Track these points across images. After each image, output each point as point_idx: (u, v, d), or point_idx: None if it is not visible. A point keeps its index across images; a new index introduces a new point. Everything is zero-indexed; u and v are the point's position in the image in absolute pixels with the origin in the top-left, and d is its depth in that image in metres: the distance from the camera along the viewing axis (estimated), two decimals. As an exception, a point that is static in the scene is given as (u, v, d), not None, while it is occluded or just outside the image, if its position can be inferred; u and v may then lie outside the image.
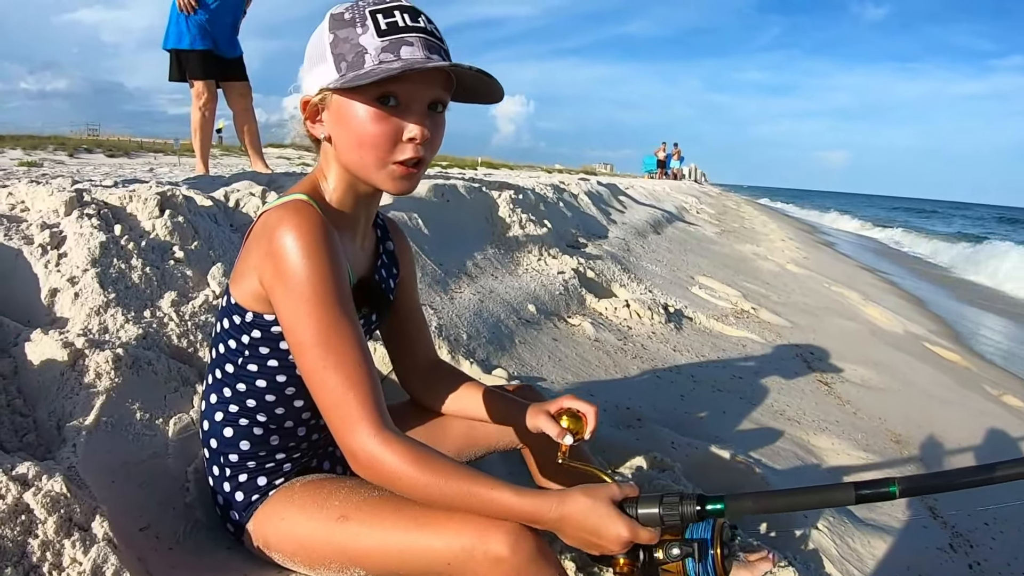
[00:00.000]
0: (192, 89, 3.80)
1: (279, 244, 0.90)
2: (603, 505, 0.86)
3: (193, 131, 3.93)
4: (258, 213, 0.99)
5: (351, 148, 0.94)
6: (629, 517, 0.86)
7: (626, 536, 0.85)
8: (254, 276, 0.95)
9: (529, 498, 0.86)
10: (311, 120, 0.98)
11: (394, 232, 1.23)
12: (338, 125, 0.95)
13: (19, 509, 0.88)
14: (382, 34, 0.89)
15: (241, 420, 1.05)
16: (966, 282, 10.36)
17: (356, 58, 0.90)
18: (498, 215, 3.39)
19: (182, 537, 1.08)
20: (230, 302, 1.02)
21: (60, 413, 1.15)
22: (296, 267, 0.89)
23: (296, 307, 0.89)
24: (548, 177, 7.11)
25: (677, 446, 2.02)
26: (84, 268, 1.41)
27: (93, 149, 9.65)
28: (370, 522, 0.94)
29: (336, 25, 0.92)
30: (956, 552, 2.02)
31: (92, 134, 17.63)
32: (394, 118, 0.91)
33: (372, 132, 0.91)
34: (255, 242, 0.96)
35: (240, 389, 1.04)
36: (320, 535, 0.97)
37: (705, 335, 3.35)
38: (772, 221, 14.71)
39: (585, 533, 0.86)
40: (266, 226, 0.94)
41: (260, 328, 1.00)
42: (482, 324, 2.34)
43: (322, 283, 0.89)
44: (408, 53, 0.89)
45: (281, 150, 10.31)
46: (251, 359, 1.02)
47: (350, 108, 0.92)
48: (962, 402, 3.33)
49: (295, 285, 0.89)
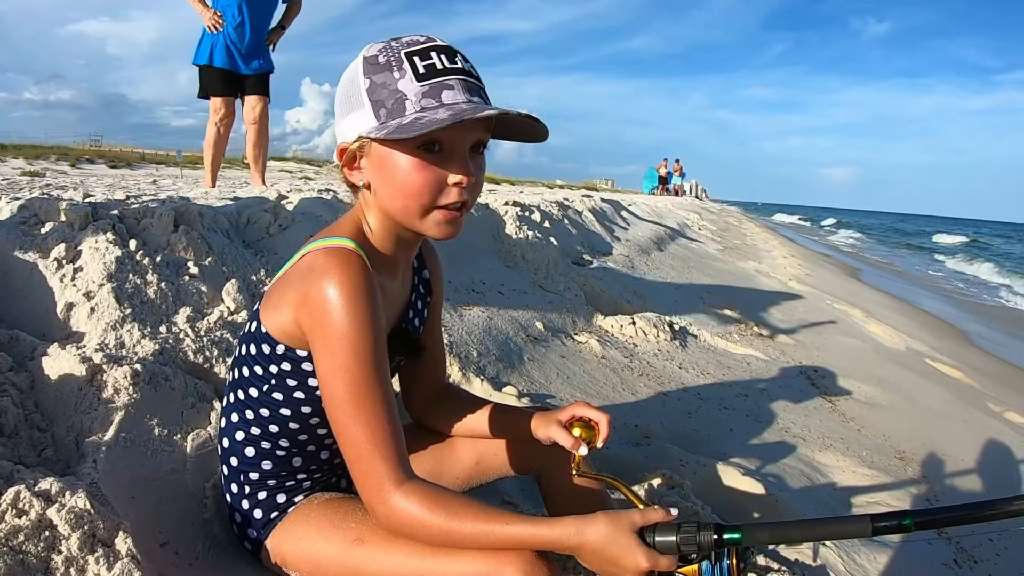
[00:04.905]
0: (211, 104, 3.82)
1: (323, 296, 0.89)
2: (624, 534, 0.85)
3: (206, 145, 3.94)
4: (304, 250, 0.97)
5: (394, 197, 0.92)
6: (648, 546, 0.85)
7: (645, 567, 0.84)
8: (290, 313, 0.95)
9: (547, 528, 0.86)
10: (348, 167, 0.96)
11: (428, 257, 1.21)
12: (380, 173, 0.93)
13: (43, 525, 0.89)
14: (421, 78, 0.87)
15: (263, 443, 1.05)
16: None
17: (396, 104, 0.88)
18: (505, 232, 3.41)
19: (201, 553, 1.08)
20: (260, 329, 1.00)
21: (78, 428, 1.15)
22: (338, 324, 0.88)
23: (333, 362, 0.89)
24: (551, 194, 7.14)
25: (686, 463, 2.03)
26: (100, 283, 1.42)
27: (95, 160, 9.70)
28: (386, 547, 0.94)
29: (371, 69, 0.90)
30: (961, 568, 2.02)
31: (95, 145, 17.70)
32: (438, 166, 0.90)
33: (417, 181, 0.90)
34: (297, 281, 0.94)
35: (263, 414, 1.04)
36: (336, 556, 0.97)
37: (710, 352, 3.35)
38: (773, 238, 14.75)
39: (605, 562, 0.86)
40: (312, 270, 0.92)
41: (291, 362, 0.99)
42: (491, 341, 2.35)
43: (361, 342, 0.89)
44: (449, 97, 0.87)
45: (283, 163, 10.37)
46: (277, 388, 1.02)
47: (392, 157, 0.90)
48: (965, 419, 3.33)
49: (335, 341, 0.89)
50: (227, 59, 3.72)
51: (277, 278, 1.01)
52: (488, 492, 1.47)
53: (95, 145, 17.66)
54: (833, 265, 11.53)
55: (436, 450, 1.23)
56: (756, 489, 1.96)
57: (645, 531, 0.87)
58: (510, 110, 0.89)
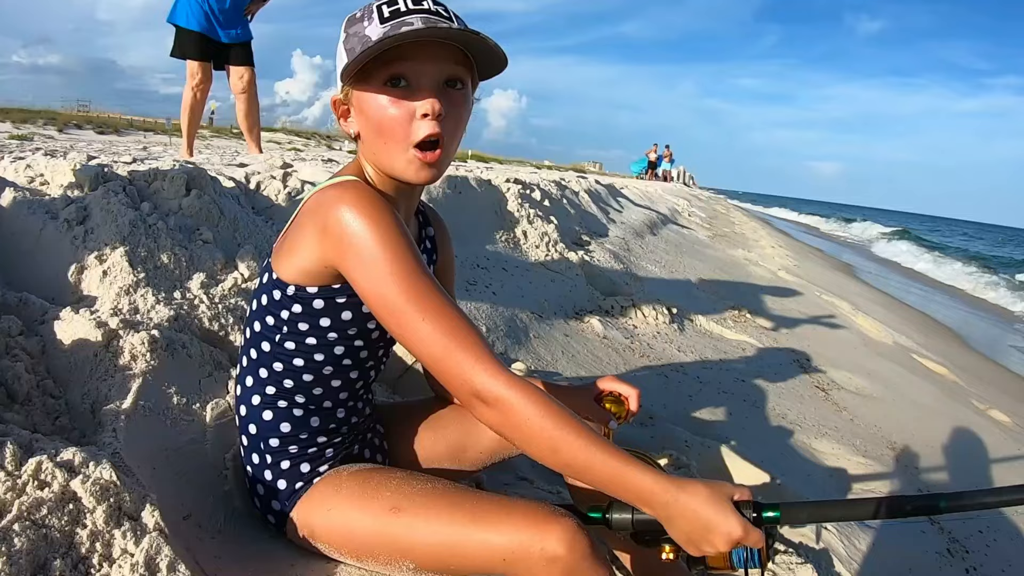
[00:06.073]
0: (187, 68, 3.75)
1: (343, 220, 0.89)
2: (723, 500, 0.82)
3: (183, 110, 3.89)
4: (309, 193, 0.99)
5: (374, 138, 0.94)
6: (745, 518, 0.82)
7: (738, 534, 0.81)
8: (311, 251, 0.94)
9: (649, 474, 0.83)
10: (343, 118, 0.99)
11: (434, 219, 1.22)
12: (360, 116, 0.95)
13: (66, 497, 0.85)
14: (384, 21, 0.89)
15: (280, 402, 1.03)
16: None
17: (362, 48, 0.89)
18: (507, 209, 3.38)
19: (223, 526, 1.05)
20: (271, 278, 1.00)
21: (94, 395, 1.11)
22: (366, 238, 0.88)
23: (377, 275, 0.88)
24: (545, 173, 7.10)
25: (691, 445, 2.04)
26: (113, 246, 1.37)
27: (83, 125, 9.45)
28: (424, 515, 0.93)
29: (349, 25, 0.94)
30: (953, 557, 2.08)
31: (83, 110, 17.22)
32: (405, 98, 0.91)
33: (387, 117, 0.91)
34: (308, 219, 0.95)
35: (277, 368, 1.02)
36: (370, 526, 0.95)
37: (707, 337, 3.37)
38: (761, 228, 14.86)
39: (696, 524, 0.82)
40: (321, 203, 0.93)
41: (301, 302, 0.98)
42: (499, 317, 2.33)
43: (395, 245, 0.89)
44: (407, 30, 0.88)
45: (272, 134, 10.18)
46: (289, 336, 1.00)
47: (365, 98, 0.93)
48: (952, 415, 3.41)
49: (369, 254, 0.88)
50: (205, 23, 3.65)
51: (286, 227, 1.02)
52: (501, 468, 1.46)
53: (83, 110, 17.20)
54: (820, 258, 11.66)
55: (461, 423, 1.20)
56: (760, 472, 1.99)
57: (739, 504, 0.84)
58: (440, 24, 0.88)
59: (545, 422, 0.83)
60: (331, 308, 0.99)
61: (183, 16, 3.64)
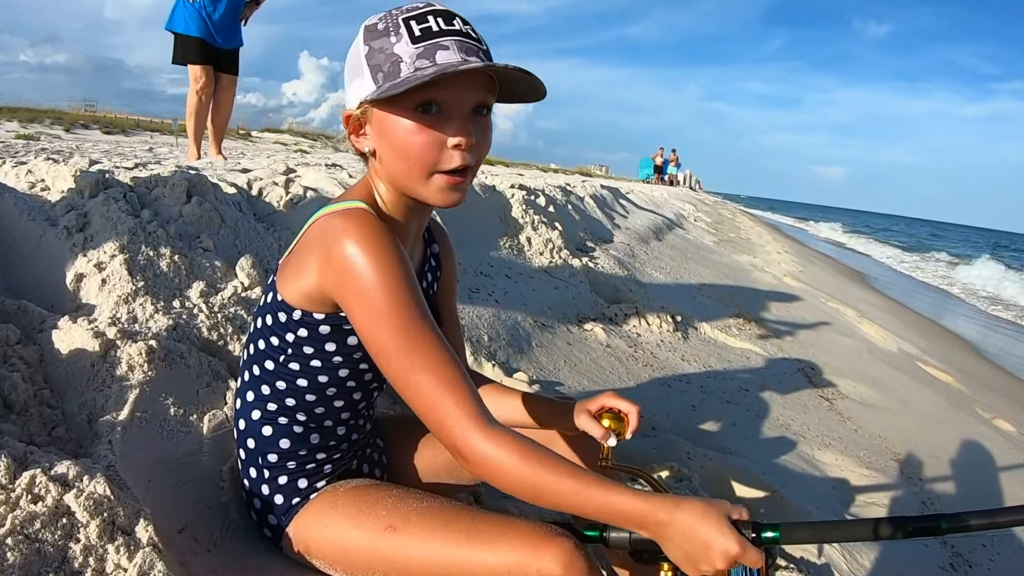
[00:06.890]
0: (190, 73, 3.85)
1: (345, 254, 0.87)
2: (719, 516, 0.80)
3: (188, 114, 3.99)
4: (316, 216, 0.97)
5: (396, 161, 0.92)
6: (743, 536, 0.80)
7: (735, 553, 0.79)
8: (312, 279, 0.93)
9: (640, 498, 0.82)
10: (355, 134, 0.96)
11: (439, 235, 1.21)
12: (381, 138, 0.93)
13: (59, 512, 0.84)
14: (416, 40, 0.87)
15: (280, 418, 1.02)
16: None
17: (392, 68, 0.87)
18: (511, 215, 3.37)
19: (219, 539, 1.04)
20: (276, 299, 0.99)
21: (91, 406, 1.11)
22: (367, 277, 0.87)
23: (374, 317, 0.87)
24: (550, 177, 7.09)
25: (693, 456, 2.03)
26: (112, 254, 1.36)
27: (90, 125, 9.47)
28: (420, 534, 0.92)
29: (370, 36, 0.90)
30: (956, 571, 2.06)
31: (89, 110, 17.26)
32: (436, 127, 0.89)
33: (415, 143, 0.89)
34: (314, 245, 0.93)
35: (280, 387, 1.01)
36: (366, 544, 0.95)
37: (711, 345, 3.36)
38: (767, 233, 14.81)
39: (694, 543, 0.80)
40: (326, 232, 0.91)
41: (307, 327, 0.98)
42: (501, 326, 2.32)
43: (396, 288, 0.87)
44: (444, 57, 0.86)
45: (278, 135, 10.19)
46: (293, 357, 1.00)
47: (391, 120, 0.90)
48: (958, 424, 3.38)
49: (368, 295, 0.87)
50: (203, 28, 3.76)
51: (291, 248, 1.00)
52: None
53: (90, 110, 17.23)
54: (825, 263, 11.61)
55: None
56: (762, 485, 1.97)
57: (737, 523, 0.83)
58: (497, 63, 0.88)
59: (527, 471, 0.82)
60: (337, 334, 0.98)
61: (181, 23, 3.75)
